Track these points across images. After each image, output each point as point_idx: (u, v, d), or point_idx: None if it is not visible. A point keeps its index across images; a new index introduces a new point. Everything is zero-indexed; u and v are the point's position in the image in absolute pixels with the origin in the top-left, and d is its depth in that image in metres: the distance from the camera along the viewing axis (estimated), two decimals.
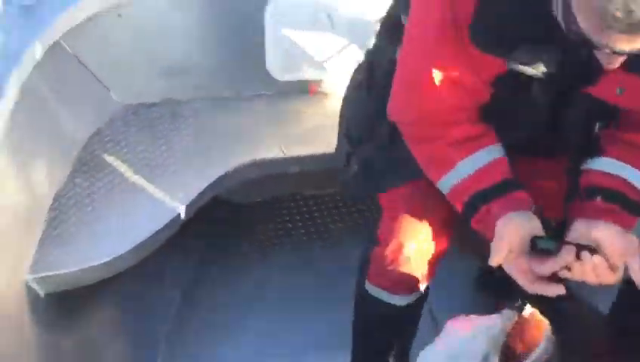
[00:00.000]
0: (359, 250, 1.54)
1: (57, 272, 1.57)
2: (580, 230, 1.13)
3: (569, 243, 1.11)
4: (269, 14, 2.26)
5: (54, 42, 1.90)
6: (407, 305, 1.48)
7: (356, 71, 1.58)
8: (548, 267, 1.11)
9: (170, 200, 1.82)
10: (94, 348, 1.76)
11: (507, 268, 1.15)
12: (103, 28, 2.11)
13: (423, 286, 1.47)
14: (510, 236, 1.12)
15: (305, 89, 2.38)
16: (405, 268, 1.41)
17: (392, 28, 1.40)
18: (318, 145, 2.14)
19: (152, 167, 1.96)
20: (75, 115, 2.04)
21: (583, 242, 1.11)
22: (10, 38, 1.77)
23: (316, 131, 2.21)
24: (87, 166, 1.92)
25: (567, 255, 1.09)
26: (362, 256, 1.53)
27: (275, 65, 2.35)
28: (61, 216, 1.71)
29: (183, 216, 1.80)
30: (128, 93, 2.24)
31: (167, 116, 2.21)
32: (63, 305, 1.64)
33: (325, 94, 2.38)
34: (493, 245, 1.13)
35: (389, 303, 1.47)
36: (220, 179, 1.96)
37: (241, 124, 2.21)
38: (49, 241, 1.63)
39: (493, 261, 1.13)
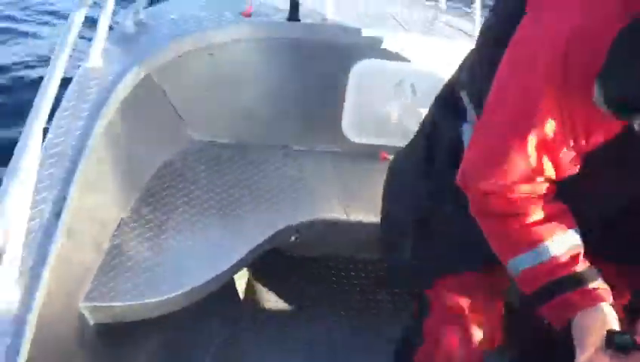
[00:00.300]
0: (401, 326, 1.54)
1: (109, 304, 1.56)
2: None
3: None
4: (353, 75, 2.29)
5: (146, 74, 1.95)
6: None
7: (412, 146, 1.50)
8: None
9: (230, 247, 1.81)
10: None
11: None
12: (191, 65, 2.16)
13: None
14: (595, 330, 1.07)
15: (376, 154, 2.37)
16: None
17: (450, 105, 1.35)
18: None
19: (216, 209, 1.96)
20: (151, 144, 2.07)
21: None
22: (109, 64, 1.83)
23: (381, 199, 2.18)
24: (153, 197, 1.94)
25: None
26: (404, 350, 1.49)
27: (351, 126, 2.36)
28: (122, 246, 1.71)
29: (241, 265, 1.78)
30: (204, 129, 2.27)
31: (238, 158, 2.23)
32: (109, 335, 1.62)
33: None
34: (581, 341, 1.07)
35: None
36: (282, 232, 1.94)
37: (309, 179, 2.20)
38: (106, 271, 1.63)
39: (583, 358, 1.07)
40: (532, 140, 1.05)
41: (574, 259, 1.11)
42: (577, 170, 1.09)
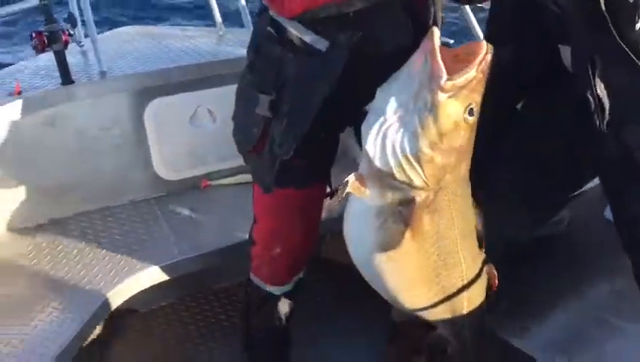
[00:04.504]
0: None
1: None
2: None
3: None
4: (148, 119, 2.27)
5: None
6: (282, 294, 1.74)
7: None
8: None
9: (49, 336, 1.70)
10: None
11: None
12: None
13: (292, 280, 1.73)
14: None
15: (197, 184, 2.37)
16: (273, 266, 1.69)
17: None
18: (217, 238, 2.11)
19: (34, 299, 1.84)
20: None
21: None
22: None
23: (213, 225, 2.18)
24: None
25: None
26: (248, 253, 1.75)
27: (162, 166, 2.33)
28: None
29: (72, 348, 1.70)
30: (12, 217, 2.16)
31: (51, 240, 2.11)
32: None
33: (218, 186, 2.38)
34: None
35: (266, 290, 1.74)
36: (116, 294, 1.89)
37: (135, 232, 2.15)
38: None
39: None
40: None
41: None
42: None
